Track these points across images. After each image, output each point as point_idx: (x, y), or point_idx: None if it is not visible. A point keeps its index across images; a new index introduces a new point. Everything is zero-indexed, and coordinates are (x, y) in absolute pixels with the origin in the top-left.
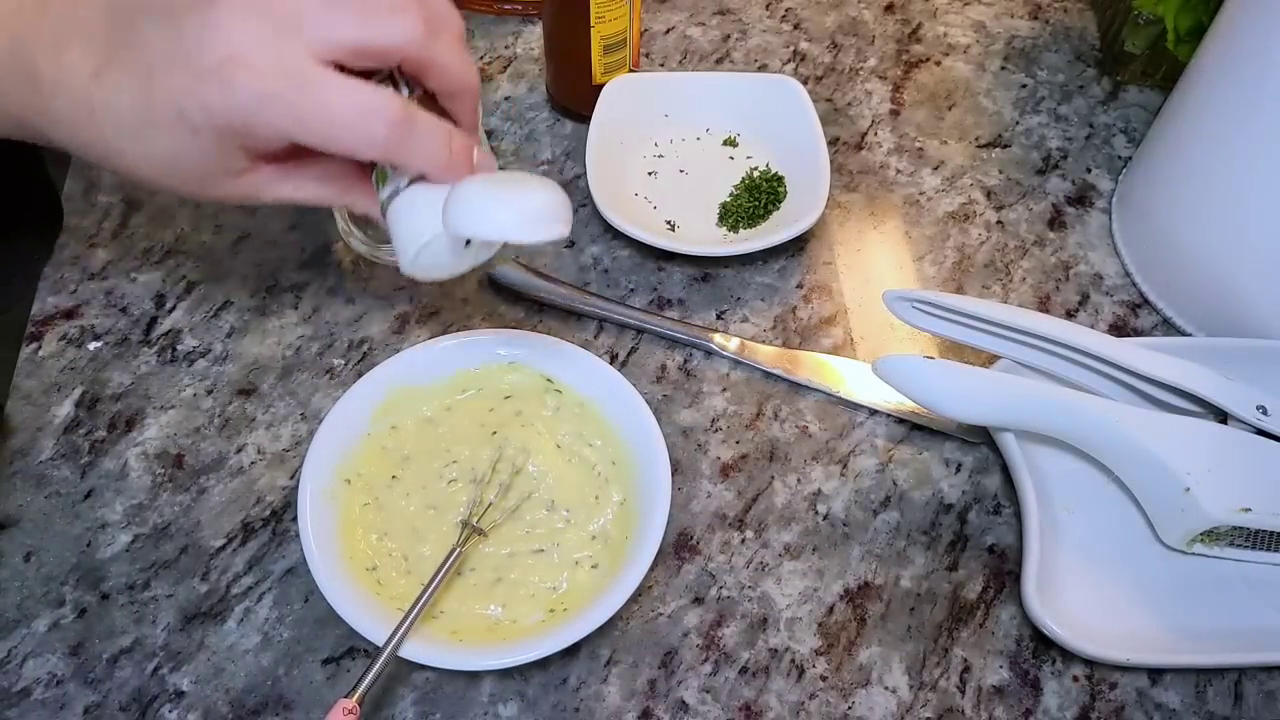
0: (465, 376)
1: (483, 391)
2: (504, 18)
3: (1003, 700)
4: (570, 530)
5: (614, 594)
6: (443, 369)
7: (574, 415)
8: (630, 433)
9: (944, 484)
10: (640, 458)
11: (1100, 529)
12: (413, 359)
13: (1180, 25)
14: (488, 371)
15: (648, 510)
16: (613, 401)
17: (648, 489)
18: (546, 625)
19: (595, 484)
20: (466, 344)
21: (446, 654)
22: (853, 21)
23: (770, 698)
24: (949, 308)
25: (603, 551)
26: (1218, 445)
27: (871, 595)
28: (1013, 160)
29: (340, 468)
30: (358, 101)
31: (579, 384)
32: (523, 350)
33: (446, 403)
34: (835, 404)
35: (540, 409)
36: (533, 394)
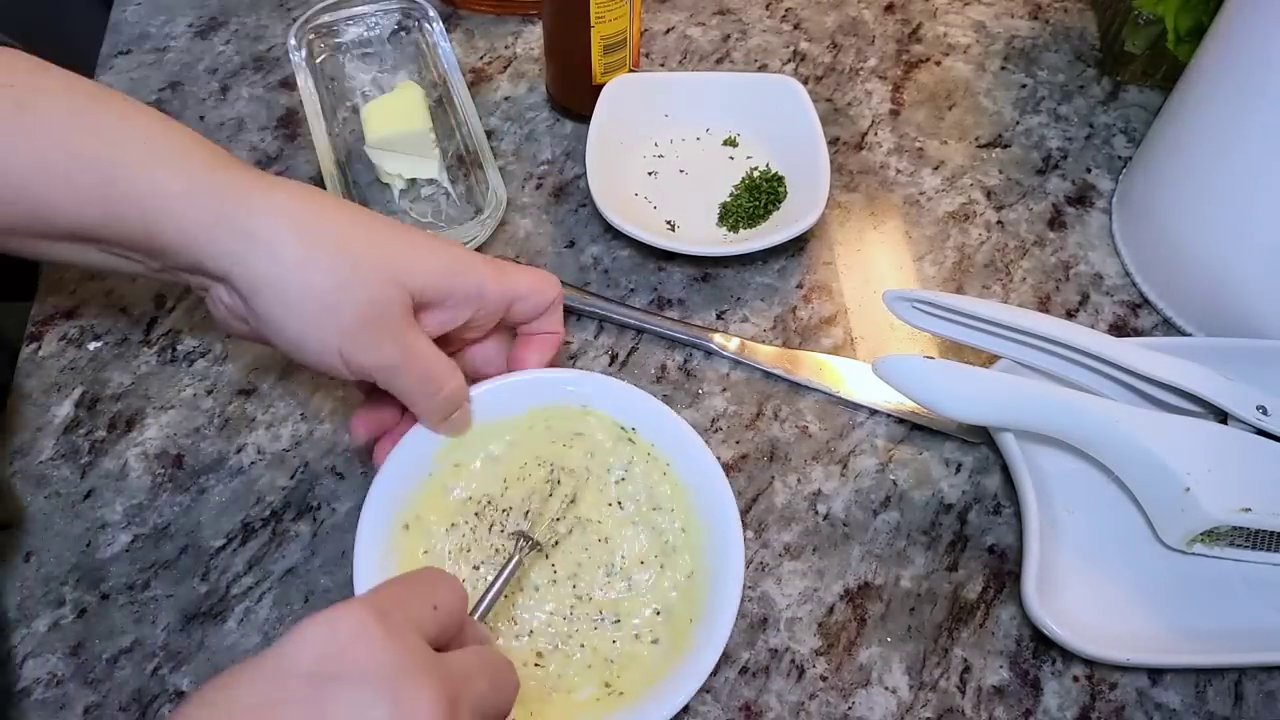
0: (536, 415)
1: (552, 429)
2: (504, 17)
3: (1003, 700)
4: (631, 600)
5: (683, 680)
6: (513, 406)
7: (645, 470)
8: (703, 498)
9: (944, 484)
10: (713, 528)
11: (1100, 529)
12: (480, 396)
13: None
14: (559, 412)
15: (718, 587)
16: (687, 460)
17: (718, 562)
18: (603, 705)
19: (663, 551)
20: (538, 381)
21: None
22: (853, 21)
23: (770, 698)
24: (949, 308)
25: (664, 628)
26: (1218, 445)
27: (871, 595)
28: (1013, 160)
29: (400, 514)
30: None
31: (653, 437)
32: (595, 390)
33: (513, 438)
34: (835, 404)
35: (611, 456)
36: (605, 439)
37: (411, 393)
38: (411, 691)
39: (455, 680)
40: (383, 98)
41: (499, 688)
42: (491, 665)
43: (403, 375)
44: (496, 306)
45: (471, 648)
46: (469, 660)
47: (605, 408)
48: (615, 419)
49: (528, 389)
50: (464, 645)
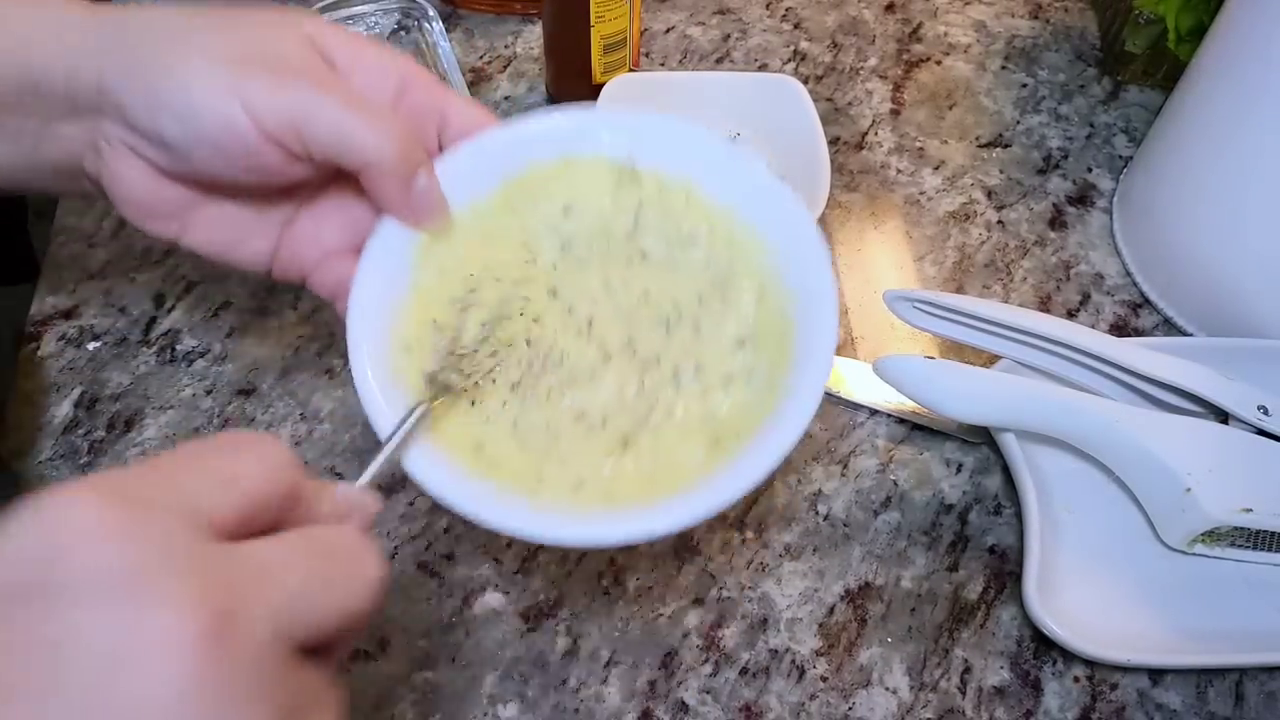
0: (512, 191)
1: (533, 199)
2: (504, 17)
3: (1003, 701)
4: (706, 342)
5: (799, 397)
6: (483, 183)
7: (660, 206)
8: (749, 208)
9: (945, 484)
10: (769, 232)
11: (1101, 529)
12: (442, 175)
13: (1181, 25)
14: (535, 176)
15: (801, 287)
16: (713, 174)
17: (791, 263)
18: (717, 459)
19: (717, 282)
20: (505, 142)
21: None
22: (853, 21)
23: (771, 698)
24: (950, 307)
25: (755, 356)
26: (1219, 445)
27: (872, 596)
28: (1013, 160)
29: (395, 336)
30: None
31: (659, 161)
32: (572, 131)
33: (492, 224)
34: (836, 404)
35: (612, 209)
36: (599, 191)
37: (350, 135)
38: (152, 606)
39: (237, 582)
40: None
41: (328, 584)
42: (321, 553)
43: (331, 108)
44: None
45: (297, 532)
46: (277, 551)
47: (588, 148)
48: (603, 157)
49: (495, 156)
50: (301, 525)
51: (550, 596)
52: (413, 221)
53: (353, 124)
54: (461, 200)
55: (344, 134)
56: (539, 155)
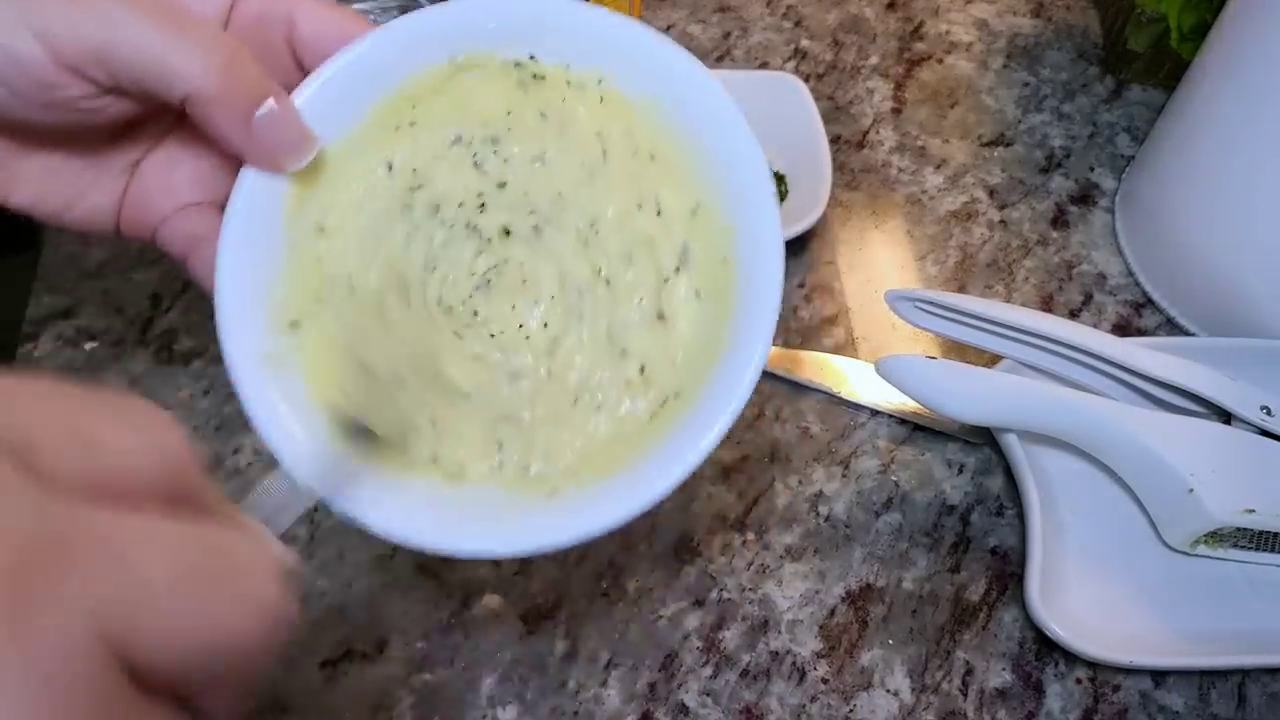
0: (387, 111)
1: (420, 116)
2: None
3: (1005, 703)
4: (635, 265)
5: (752, 326)
6: (352, 110)
7: (566, 104)
8: (671, 102)
9: (946, 485)
10: (700, 133)
11: (1103, 530)
12: (306, 104)
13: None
14: (419, 86)
15: (741, 199)
16: (630, 64)
17: (726, 171)
18: (672, 412)
19: (644, 195)
20: (373, 54)
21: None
22: (854, 19)
23: (771, 700)
24: (951, 307)
25: (700, 275)
26: (1221, 446)
27: (873, 597)
28: (1015, 159)
29: (274, 308)
30: None
31: (566, 53)
32: (457, 26)
33: (371, 158)
34: (837, 404)
35: (509, 117)
36: (495, 100)
37: (160, 58)
38: None
39: (56, 546)
40: None
41: (204, 595)
42: (206, 552)
43: (135, 27)
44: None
45: (183, 520)
46: (142, 530)
47: (481, 44)
48: (498, 55)
49: (365, 70)
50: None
51: (549, 598)
52: (266, 162)
53: (163, 44)
54: (331, 132)
55: (153, 57)
56: (421, 62)
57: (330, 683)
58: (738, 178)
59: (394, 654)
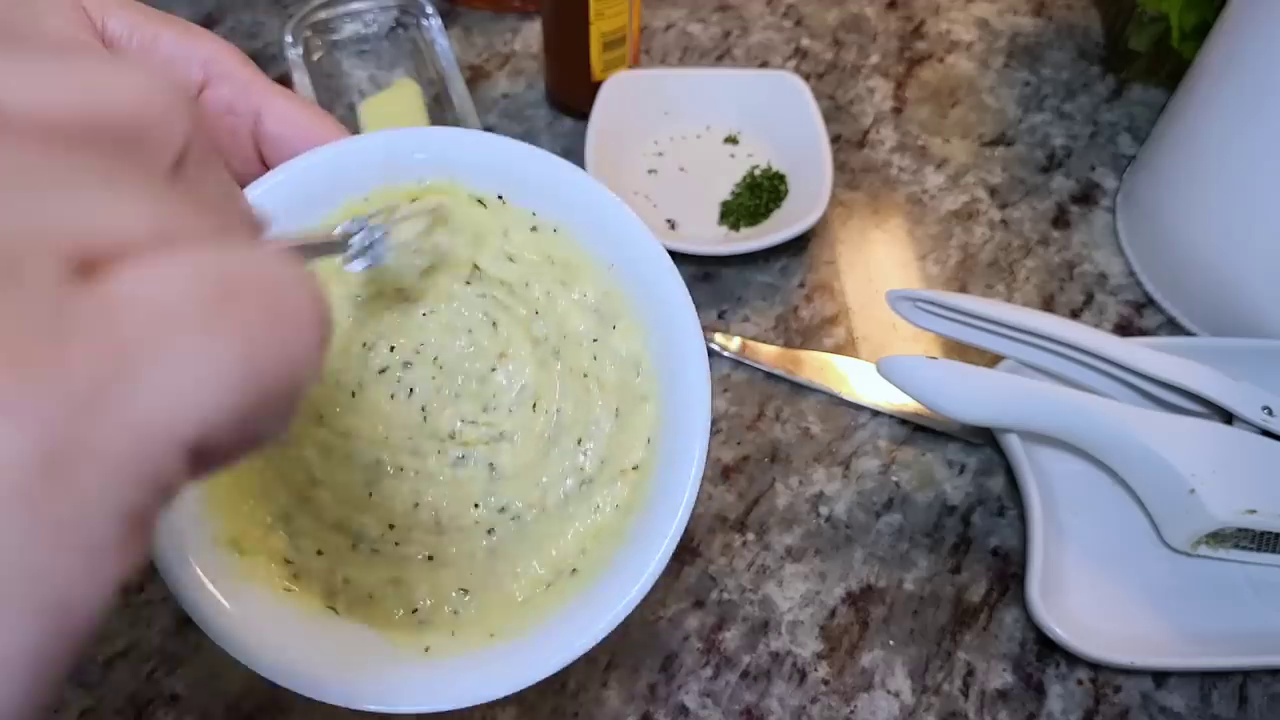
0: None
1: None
2: (502, 14)
3: (1006, 704)
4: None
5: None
6: (312, 209)
7: (525, 245)
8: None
9: (947, 486)
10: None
11: (1104, 531)
12: (261, 200)
13: (1184, 22)
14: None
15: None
16: (589, 224)
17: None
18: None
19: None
20: (336, 160)
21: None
22: (855, 18)
23: (772, 701)
24: (952, 307)
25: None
26: (1223, 446)
27: (874, 598)
28: (1016, 158)
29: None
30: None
31: (533, 200)
32: (431, 153)
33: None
34: (837, 405)
35: (475, 243)
36: (463, 219)
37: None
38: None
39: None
40: (380, 95)
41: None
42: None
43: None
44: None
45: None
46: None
47: (450, 176)
48: (468, 188)
49: (323, 180)
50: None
51: None
52: None
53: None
54: (290, 225)
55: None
56: (388, 179)
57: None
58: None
59: None
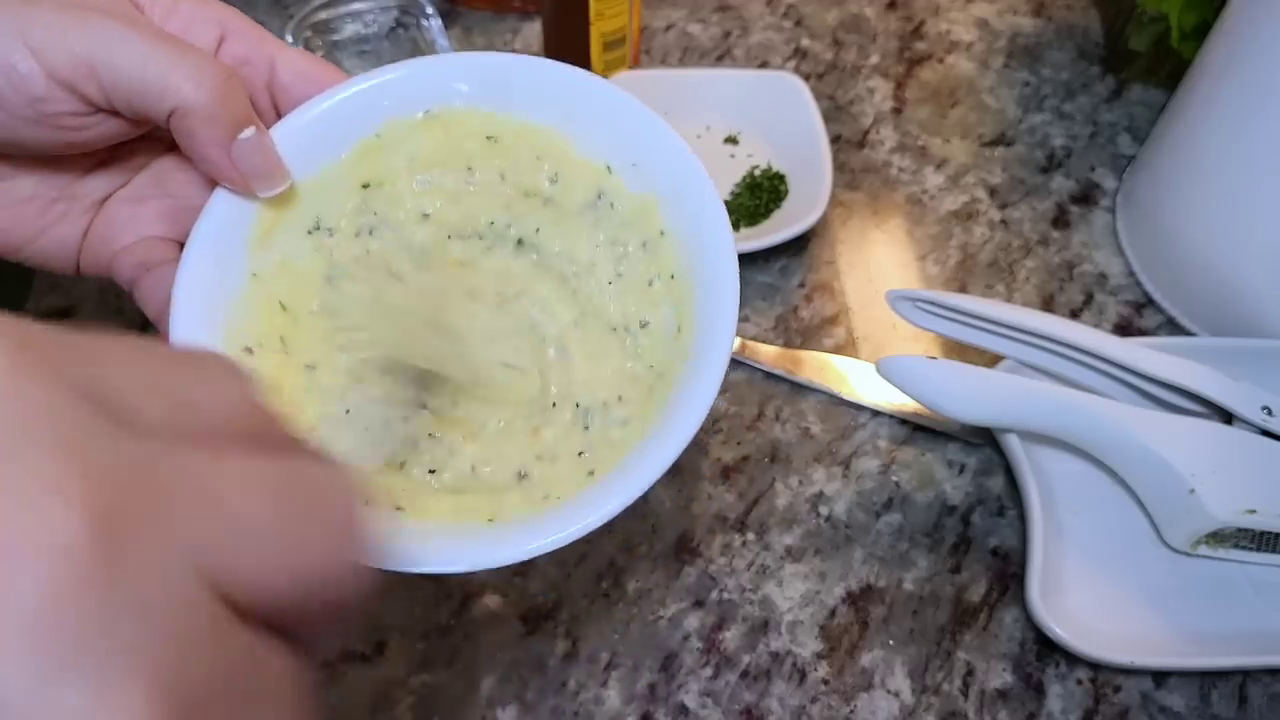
0: (368, 148)
1: (393, 157)
2: (502, 15)
3: (1006, 704)
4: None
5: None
6: (332, 145)
7: (522, 149)
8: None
9: (947, 485)
10: (662, 190)
11: (1104, 531)
12: (286, 136)
13: (1184, 22)
14: (395, 131)
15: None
16: (592, 124)
17: (690, 224)
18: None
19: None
20: (358, 98)
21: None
22: (855, 18)
23: (772, 701)
24: (952, 307)
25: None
26: (1223, 446)
27: (874, 598)
28: (1016, 158)
29: (230, 332)
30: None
31: (527, 108)
32: (435, 81)
33: (343, 192)
34: (837, 405)
35: (480, 157)
36: (473, 141)
37: (156, 73)
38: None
39: (150, 489)
40: None
41: (297, 537)
42: (298, 492)
43: (134, 43)
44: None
45: (271, 457)
46: (234, 471)
47: (459, 101)
48: (475, 109)
49: (341, 115)
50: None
51: (549, 599)
52: (241, 184)
53: (159, 60)
54: (303, 171)
55: (149, 72)
56: (395, 112)
57: (330, 683)
58: (698, 237)
59: (393, 654)
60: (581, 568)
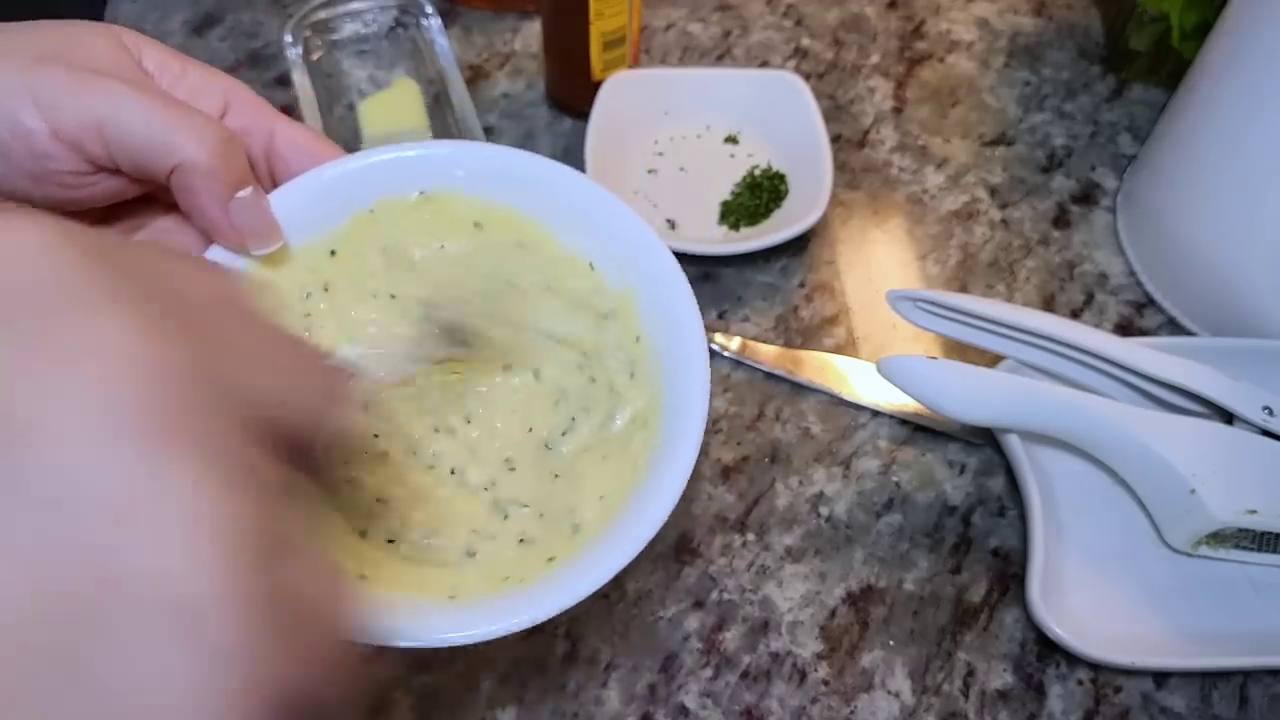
0: (362, 221)
1: (387, 227)
2: (502, 14)
3: (1006, 704)
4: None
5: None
6: (330, 213)
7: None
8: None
9: (947, 486)
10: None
11: (1105, 531)
12: (285, 200)
13: (1185, 22)
14: (391, 208)
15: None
16: (572, 217)
17: (661, 319)
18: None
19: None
20: (361, 170)
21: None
22: (855, 18)
23: (772, 702)
24: (953, 307)
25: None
26: (1223, 446)
27: (874, 598)
28: (1017, 158)
29: None
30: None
31: (538, 206)
32: (435, 165)
33: (341, 252)
34: (837, 405)
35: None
36: (456, 227)
37: (160, 132)
38: (73, 316)
39: (199, 333)
40: (379, 95)
41: (303, 385)
42: (299, 355)
43: (140, 104)
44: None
45: (273, 329)
46: (253, 333)
47: (458, 187)
48: (471, 197)
49: (338, 188)
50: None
51: None
52: (237, 241)
53: (165, 120)
54: (296, 235)
55: (154, 130)
56: (391, 189)
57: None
58: (669, 331)
59: (393, 655)
60: None
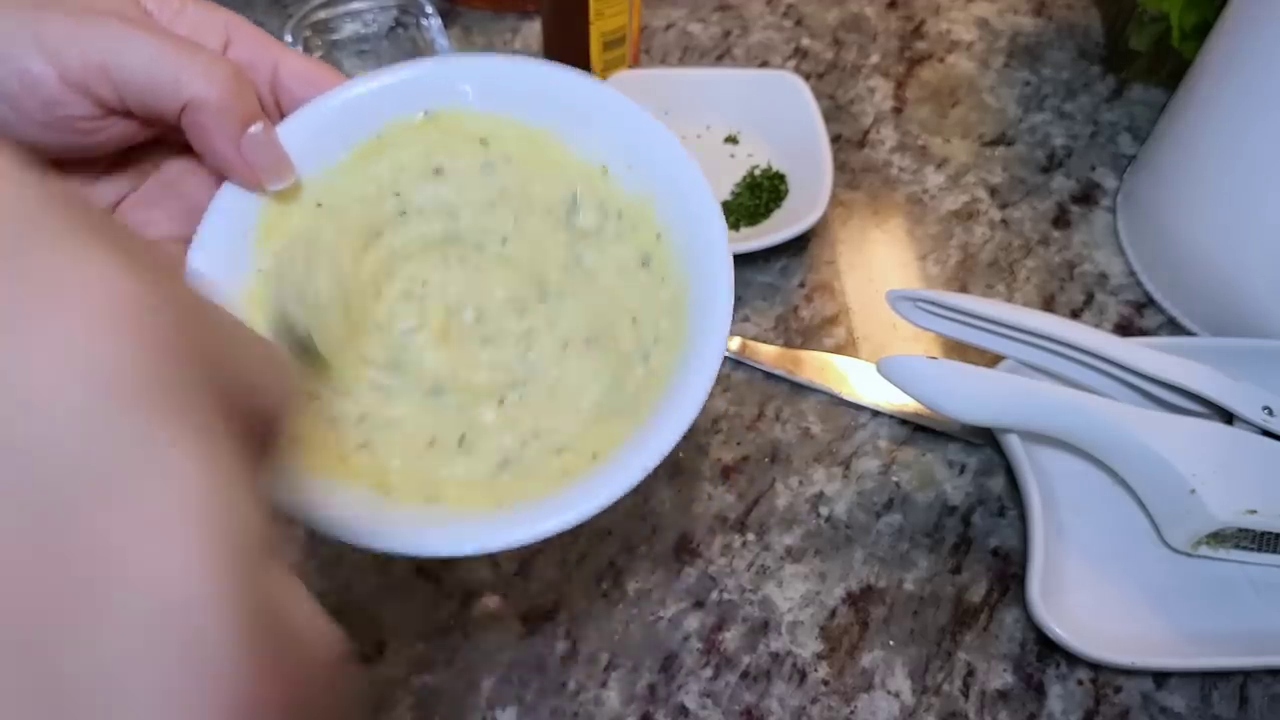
0: (371, 149)
1: (400, 157)
2: (502, 14)
3: (1006, 704)
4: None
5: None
6: (333, 147)
7: (527, 158)
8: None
9: (947, 486)
10: (656, 189)
11: (1105, 531)
12: (292, 132)
13: (1185, 22)
14: (399, 131)
15: (692, 249)
16: (592, 127)
17: (684, 224)
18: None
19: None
20: (366, 97)
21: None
22: (855, 18)
23: (772, 702)
24: (953, 307)
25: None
26: (1223, 446)
27: (874, 598)
28: (1017, 158)
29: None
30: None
31: (535, 116)
32: (443, 81)
33: (344, 188)
34: (838, 405)
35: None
36: (465, 148)
37: (167, 70)
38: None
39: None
40: None
41: (269, 367)
42: (261, 339)
43: (145, 43)
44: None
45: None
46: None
47: (453, 101)
48: (480, 111)
49: (344, 114)
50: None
51: (549, 599)
52: (251, 177)
53: (171, 59)
54: (310, 166)
55: (161, 71)
56: (397, 111)
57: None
58: (690, 234)
59: (393, 655)
60: (581, 568)
